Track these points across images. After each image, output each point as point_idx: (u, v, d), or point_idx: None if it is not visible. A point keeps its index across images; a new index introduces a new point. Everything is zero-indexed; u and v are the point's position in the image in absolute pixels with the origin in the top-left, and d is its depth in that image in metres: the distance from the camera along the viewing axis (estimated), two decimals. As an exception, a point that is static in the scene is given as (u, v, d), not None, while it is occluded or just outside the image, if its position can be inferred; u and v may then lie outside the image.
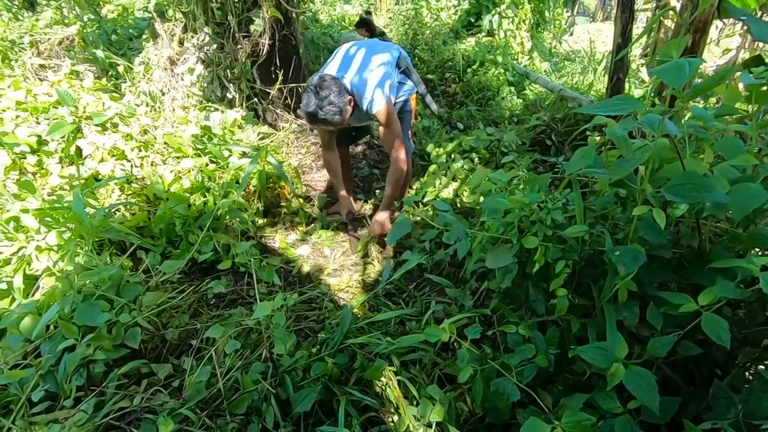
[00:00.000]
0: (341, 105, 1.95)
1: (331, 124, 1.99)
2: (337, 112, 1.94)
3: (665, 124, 0.86)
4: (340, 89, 1.97)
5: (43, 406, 1.31)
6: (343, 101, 1.97)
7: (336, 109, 1.94)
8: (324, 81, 1.97)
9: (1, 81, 2.73)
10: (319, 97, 1.93)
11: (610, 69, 2.75)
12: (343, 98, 1.97)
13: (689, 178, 0.90)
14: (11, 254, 1.75)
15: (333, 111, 1.94)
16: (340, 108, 1.95)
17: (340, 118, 1.97)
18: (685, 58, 0.85)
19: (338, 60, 2.19)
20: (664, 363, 1.10)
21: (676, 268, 1.07)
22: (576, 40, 9.20)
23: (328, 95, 1.93)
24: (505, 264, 1.19)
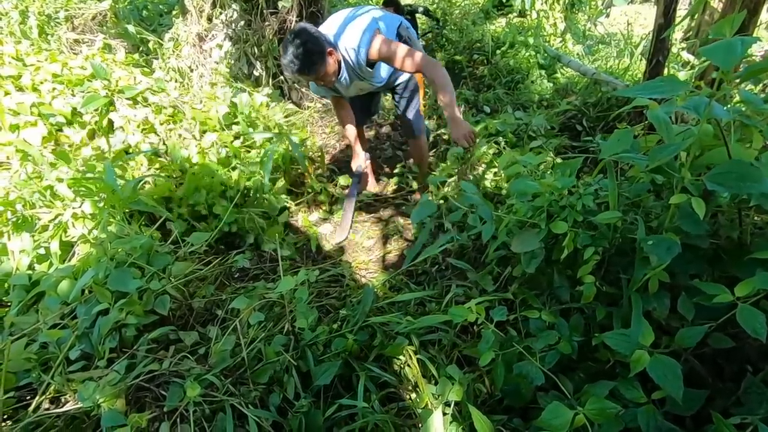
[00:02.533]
0: (318, 52, 1.85)
1: (310, 73, 1.89)
2: (314, 61, 1.85)
3: (712, 108, 0.82)
4: (318, 38, 1.88)
5: (78, 365, 1.39)
6: (321, 49, 1.86)
7: (312, 57, 1.84)
8: (301, 29, 1.88)
9: (39, 54, 2.80)
10: (295, 44, 1.83)
11: (650, 52, 2.63)
12: (321, 47, 1.87)
13: (734, 166, 0.85)
14: (49, 221, 1.83)
15: (310, 59, 1.84)
16: (318, 55, 1.85)
17: (318, 68, 1.87)
18: (737, 37, 0.80)
19: (337, 23, 2.10)
20: (692, 355, 1.07)
21: (712, 259, 1.03)
22: (612, 23, 8.78)
23: (304, 42, 1.83)
24: (532, 249, 1.17)
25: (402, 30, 2.21)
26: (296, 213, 2.56)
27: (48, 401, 1.27)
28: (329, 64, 1.91)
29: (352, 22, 2.02)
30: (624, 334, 0.98)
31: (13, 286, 1.60)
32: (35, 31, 3.80)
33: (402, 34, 2.21)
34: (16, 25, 3.73)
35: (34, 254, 1.70)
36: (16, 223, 1.79)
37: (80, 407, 1.13)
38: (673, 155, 0.84)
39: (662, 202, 1.17)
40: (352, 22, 2.02)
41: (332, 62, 1.92)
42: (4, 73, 2.40)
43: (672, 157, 0.88)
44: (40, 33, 3.89)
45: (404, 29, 2.23)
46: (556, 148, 2.58)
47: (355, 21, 2.02)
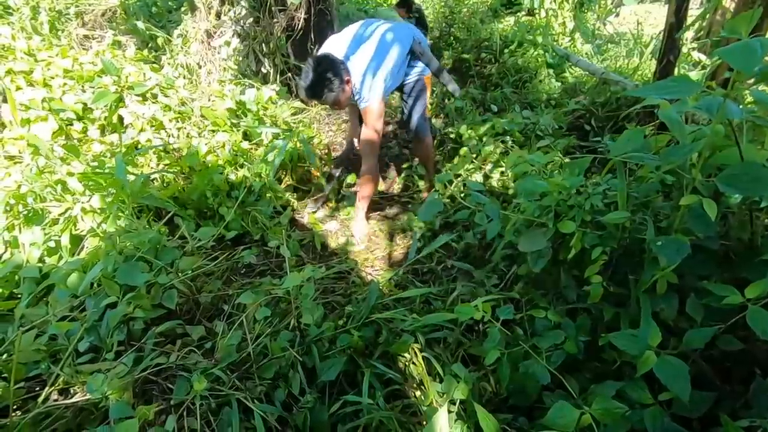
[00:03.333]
0: (337, 85, 1.96)
1: (325, 102, 2.01)
2: (331, 91, 1.96)
3: (726, 108, 0.81)
4: (339, 69, 1.97)
5: (87, 357, 1.40)
6: (340, 82, 1.97)
7: (330, 88, 1.95)
8: (323, 58, 1.98)
9: (50, 49, 2.83)
10: (315, 73, 1.93)
11: (660, 51, 2.60)
12: (340, 79, 1.97)
13: (747, 168, 0.85)
14: (59, 214, 1.85)
15: (327, 90, 1.95)
16: (335, 88, 1.96)
17: (334, 97, 1.98)
18: (756, 38, 0.79)
19: (347, 39, 2.17)
20: (700, 357, 1.06)
21: (722, 260, 1.02)
22: (621, 22, 8.71)
23: (325, 72, 1.94)
24: (539, 248, 1.17)
25: (416, 45, 2.27)
26: (302, 210, 2.57)
27: (57, 392, 1.29)
28: (344, 92, 2.02)
29: (371, 60, 2.08)
30: (631, 334, 0.98)
31: (24, 279, 1.62)
32: (46, 26, 3.84)
33: (416, 49, 2.28)
34: (28, 20, 3.76)
35: (44, 247, 1.71)
36: (27, 216, 1.81)
37: (89, 399, 1.15)
38: (687, 156, 0.84)
39: (671, 202, 1.16)
40: (370, 61, 2.08)
41: (347, 90, 2.03)
42: (16, 68, 2.43)
43: (686, 158, 0.87)
44: (50, 29, 3.92)
45: (417, 44, 2.29)
46: (564, 147, 2.56)
47: (371, 63, 2.08)
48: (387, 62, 2.13)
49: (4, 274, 1.62)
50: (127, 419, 1.03)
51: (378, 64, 2.10)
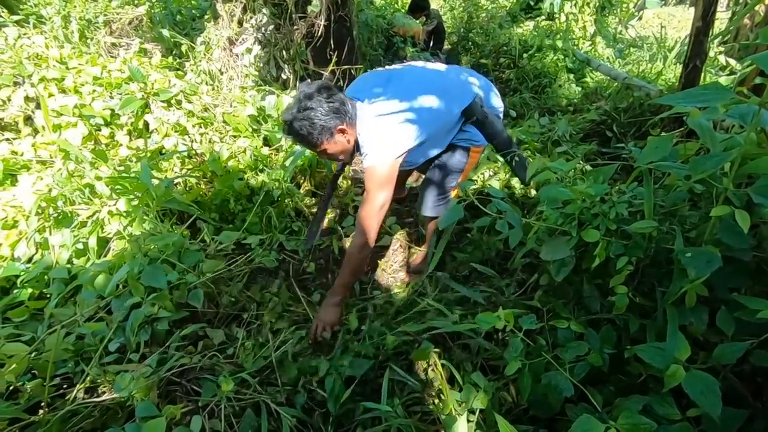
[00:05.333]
0: (322, 126, 1.46)
1: (304, 144, 1.53)
2: (312, 132, 1.46)
3: (761, 117, 0.79)
4: (335, 109, 1.48)
5: (112, 357, 1.44)
6: (329, 124, 1.47)
7: (312, 129, 1.46)
8: (323, 89, 1.49)
9: (80, 57, 2.93)
10: (303, 106, 1.46)
11: (686, 56, 2.54)
12: (331, 121, 1.47)
13: (781, 177, 0.82)
14: (87, 217, 1.91)
15: (308, 129, 1.46)
16: (319, 129, 1.46)
17: (315, 140, 1.48)
18: (790, 43, 0.77)
19: (378, 77, 1.67)
20: (731, 373, 1.03)
21: (754, 272, 0.99)
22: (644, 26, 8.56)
23: (314, 108, 1.45)
24: (562, 257, 1.15)
25: (475, 107, 1.65)
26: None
27: (83, 391, 1.33)
28: (335, 143, 1.52)
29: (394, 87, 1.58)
30: (658, 347, 0.95)
31: (53, 279, 1.67)
32: (76, 35, 3.98)
33: (474, 111, 1.65)
34: (60, 29, 3.91)
35: (73, 249, 1.77)
36: (57, 218, 1.88)
37: (115, 398, 1.18)
38: (719, 166, 0.82)
39: (700, 212, 1.13)
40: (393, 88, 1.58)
41: (341, 140, 1.53)
42: (49, 76, 2.52)
43: (718, 168, 0.85)
44: (80, 37, 4.06)
45: (478, 104, 1.65)
46: (585, 154, 2.52)
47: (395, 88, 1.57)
48: (422, 113, 1.54)
49: (34, 275, 1.68)
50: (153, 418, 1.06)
51: (406, 112, 1.52)
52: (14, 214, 1.89)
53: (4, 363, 1.28)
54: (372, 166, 1.51)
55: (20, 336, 1.45)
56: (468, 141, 1.75)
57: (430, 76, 1.67)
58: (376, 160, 1.50)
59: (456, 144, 1.76)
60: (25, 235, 1.81)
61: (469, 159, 1.80)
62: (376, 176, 1.51)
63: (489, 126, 1.68)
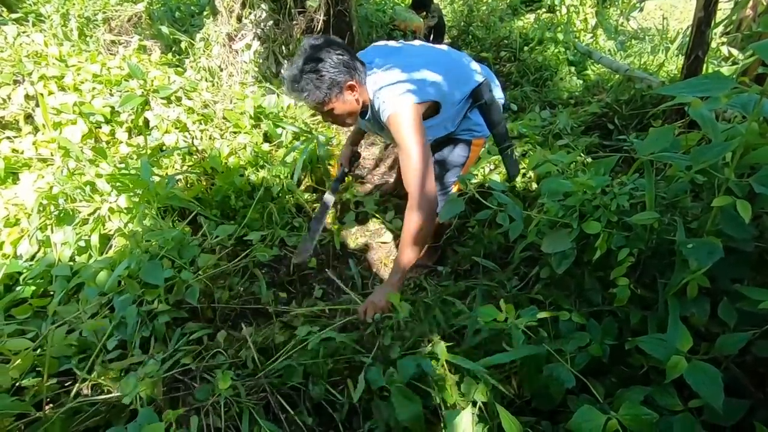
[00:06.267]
0: (331, 80, 1.34)
1: (309, 101, 1.39)
2: (320, 86, 1.34)
3: (763, 106, 0.78)
4: (345, 63, 1.36)
5: (115, 353, 1.45)
6: (339, 78, 1.35)
7: (320, 83, 1.33)
8: (331, 42, 1.37)
9: (79, 55, 2.93)
10: (310, 57, 1.34)
11: (688, 47, 2.52)
12: (341, 75, 1.36)
13: (783, 166, 0.82)
14: (88, 214, 1.91)
15: (315, 83, 1.34)
16: (328, 83, 1.34)
17: (320, 95, 1.36)
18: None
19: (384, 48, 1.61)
20: (733, 363, 1.03)
21: (756, 263, 0.99)
22: (646, 17, 8.48)
23: (322, 59, 1.33)
24: (563, 249, 1.15)
25: (484, 89, 1.61)
26: (322, 210, 2.59)
27: (86, 388, 1.33)
28: (344, 101, 1.41)
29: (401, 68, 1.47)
30: (660, 338, 0.95)
31: (56, 277, 1.68)
32: (76, 33, 3.97)
33: (482, 94, 1.62)
34: (59, 27, 3.90)
35: (75, 246, 1.78)
36: (58, 216, 1.88)
37: (118, 395, 1.18)
38: (720, 156, 0.81)
39: (702, 203, 1.12)
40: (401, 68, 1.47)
41: (349, 99, 1.42)
42: (48, 74, 2.52)
43: (719, 158, 0.84)
44: (80, 35, 4.06)
45: (486, 88, 1.63)
46: (586, 146, 2.51)
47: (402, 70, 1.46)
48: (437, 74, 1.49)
49: (37, 272, 1.69)
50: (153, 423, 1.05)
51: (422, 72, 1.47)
52: (16, 212, 1.90)
53: (9, 359, 1.29)
54: (394, 113, 1.40)
55: (24, 333, 1.45)
56: (470, 132, 1.72)
57: (441, 52, 1.64)
58: (396, 107, 1.40)
59: (458, 137, 1.73)
60: (28, 233, 1.82)
61: (470, 152, 1.78)
62: (403, 122, 1.39)
63: (494, 112, 1.66)
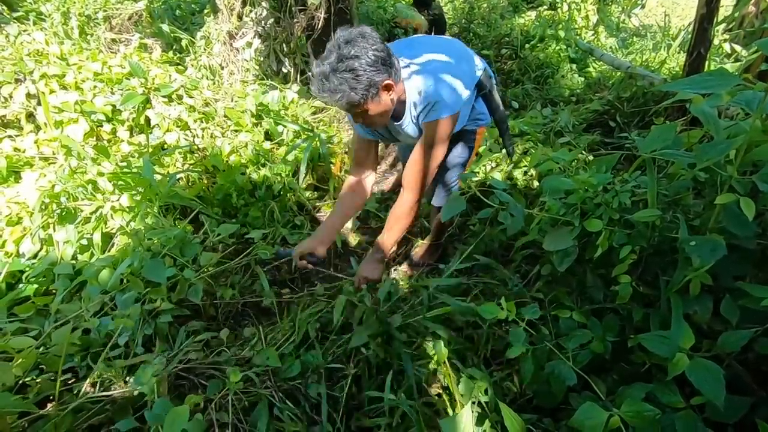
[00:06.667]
0: (369, 80, 1.23)
1: (342, 102, 1.26)
2: (356, 88, 1.23)
3: (766, 103, 0.78)
4: (383, 60, 1.25)
5: (118, 351, 1.45)
6: (376, 78, 1.24)
7: (357, 83, 1.22)
8: (364, 38, 1.23)
9: (80, 53, 2.93)
10: (344, 54, 1.20)
11: (690, 44, 2.51)
12: (379, 75, 1.24)
13: (786, 163, 0.81)
14: (90, 213, 1.91)
15: (351, 83, 1.22)
16: (366, 84, 1.23)
17: (356, 98, 1.24)
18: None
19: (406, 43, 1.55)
20: (736, 361, 1.03)
21: (759, 260, 0.98)
22: (647, 14, 8.45)
23: (358, 56, 1.21)
24: (565, 247, 1.15)
25: (485, 79, 1.63)
26: (322, 208, 2.59)
27: (90, 385, 1.34)
28: (379, 102, 1.30)
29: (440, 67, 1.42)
30: (662, 335, 0.95)
31: (58, 275, 1.68)
32: (76, 31, 3.97)
33: (485, 84, 1.62)
34: (59, 26, 3.90)
35: (77, 245, 1.78)
36: (61, 215, 1.89)
37: (124, 392, 1.18)
38: (724, 154, 0.81)
39: (704, 200, 1.12)
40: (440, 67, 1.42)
41: (386, 100, 1.32)
42: (50, 72, 2.52)
43: (723, 156, 0.84)
44: (80, 33, 4.05)
45: (487, 77, 1.65)
46: (588, 144, 2.51)
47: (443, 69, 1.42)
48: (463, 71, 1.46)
49: (40, 271, 1.69)
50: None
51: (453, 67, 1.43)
52: (18, 211, 1.90)
53: (12, 358, 1.29)
54: (444, 118, 1.38)
55: (26, 331, 1.46)
56: (475, 122, 1.72)
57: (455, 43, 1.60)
58: (449, 111, 1.37)
59: (464, 128, 1.72)
60: (30, 232, 1.82)
61: (476, 140, 1.78)
62: (446, 130, 1.40)
63: (495, 98, 1.70)
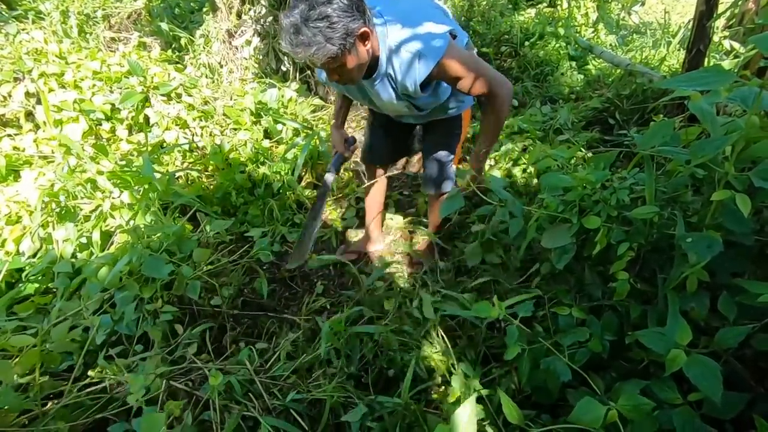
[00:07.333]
0: (345, 28, 1.14)
1: (315, 56, 1.16)
2: (332, 37, 1.13)
3: (762, 99, 0.78)
4: (356, 5, 1.16)
5: (117, 349, 1.46)
6: (352, 26, 1.16)
7: (332, 32, 1.13)
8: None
9: (79, 52, 2.92)
10: (315, 2, 1.11)
11: (689, 41, 2.51)
12: (352, 20, 1.15)
13: (783, 160, 0.82)
14: (90, 211, 1.92)
15: (326, 33, 1.13)
16: (342, 33, 1.14)
17: (333, 49, 1.15)
18: (793, 23, 0.76)
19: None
20: (733, 357, 1.03)
21: (756, 257, 0.99)
22: (647, 11, 8.43)
23: (329, 4, 1.12)
24: (563, 244, 1.15)
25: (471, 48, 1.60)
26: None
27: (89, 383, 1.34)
28: (357, 53, 1.22)
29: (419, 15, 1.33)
30: (659, 332, 0.96)
31: (58, 274, 1.69)
32: (75, 30, 3.96)
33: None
34: (58, 24, 3.89)
35: (77, 243, 1.78)
36: (60, 213, 1.89)
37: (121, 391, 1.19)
38: (719, 150, 0.81)
39: (702, 197, 1.12)
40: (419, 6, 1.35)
41: (362, 51, 1.24)
42: (48, 71, 2.52)
43: (719, 152, 0.84)
44: (79, 32, 4.05)
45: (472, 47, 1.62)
46: (587, 141, 2.51)
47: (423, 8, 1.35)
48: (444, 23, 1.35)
49: (39, 269, 1.70)
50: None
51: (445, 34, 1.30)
52: (18, 210, 1.91)
53: (12, 356, 1.29)
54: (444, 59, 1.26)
55: (26, 330, 1.46)
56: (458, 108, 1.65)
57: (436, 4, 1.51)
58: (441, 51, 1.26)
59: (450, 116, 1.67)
60: (29, 230, 1.82)
61: (464, 121, 1.74)
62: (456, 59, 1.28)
63: None
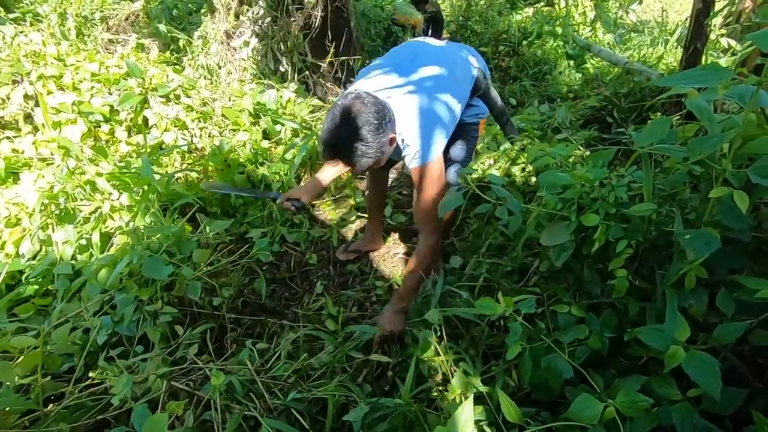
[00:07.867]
0: (377, 145, 1.31)
1: (355, 167, 1.35)
2: (366, 154, 1.30)
3: (759, 97, 0.78)
4: (382, 121, 1.30)
5: (118, 350, 1.46)
6: (381, 140, 1.31)
7: (366, 150, 1.29)
8: (362, 102, 1.29)
9: (77, 54, 2.92)
10: (348, 127, 1.27)
11: (687, 39, 2.52)
12: (383, 136, 1.31)
13: (780, 156, 0.82)
14: (89, 213, 1.92)
15: (362, 152, 1.30)
16: (376, 148, 1.31)
17: (370, 161, 1.33)
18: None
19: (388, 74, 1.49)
20: (732, 353, 1.03)
21: (754, 253, 0.99)
22: (645, 10, 8.44)
23: (362, 128, 1.27)
24: (561, 242, 1.15)
25: (480, 80, 1.67)
26: (321, 207, 2.59)
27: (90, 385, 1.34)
28: (385, 155, 1.41)
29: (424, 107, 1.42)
30: (658, 329, 0.96)
31: (58, 276, 1.69)
32: (73, 32, 3.96)
33: (480, 85, 1.68)
34: (56, 27, 3.89)
35: (76, 245, 1.78)
36: (59, 215, 1.89)
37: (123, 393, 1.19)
38: (717, 147, 0.81)
39: (700, 194, 1.12)
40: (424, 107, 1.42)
41: (389, 149, 1.42)
42: (47, 73, 2.52)
43: (716, 149, 0.84)
44: (77, 34, 4.05)
45: (482, 77, 1.69)
46: (585, 140, 2.51)
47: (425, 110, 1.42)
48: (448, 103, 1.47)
49: (39, 271, 1.70)
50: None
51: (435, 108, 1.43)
52: (17, 212, 1.91)
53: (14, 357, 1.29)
54: (428, 162, 1.41)
55: (26, 331, 1.46)
56: (476, 116, 1.77)
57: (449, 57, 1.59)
58: (431, 156, 1.40)
59: (466, 122, 1.74)
60: (29, 232, 1.82)
61: (478, 131, 1.84)
62: (435, 172, 1.43)
63: (492, 96, 1.77)
